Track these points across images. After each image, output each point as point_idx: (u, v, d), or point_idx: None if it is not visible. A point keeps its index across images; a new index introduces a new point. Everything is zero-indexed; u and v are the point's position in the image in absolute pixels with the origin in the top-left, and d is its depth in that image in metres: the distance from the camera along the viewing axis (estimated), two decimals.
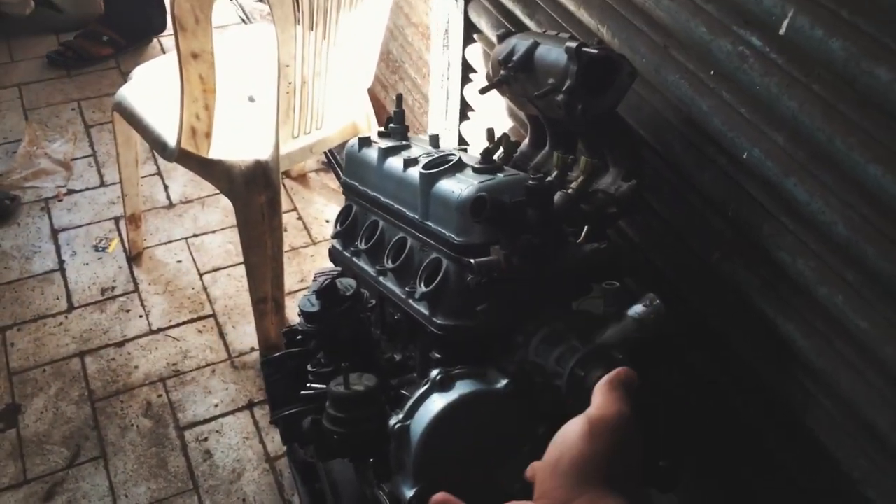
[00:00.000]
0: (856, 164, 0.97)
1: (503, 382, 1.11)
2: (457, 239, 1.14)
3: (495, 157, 1.51)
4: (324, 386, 1.19)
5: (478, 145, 1.55)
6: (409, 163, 1.26)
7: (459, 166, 1.20)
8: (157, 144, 2.04)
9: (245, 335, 2.41)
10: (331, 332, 1.26)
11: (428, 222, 1.21)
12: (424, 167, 1.21)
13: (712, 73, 1.19)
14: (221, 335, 2.41)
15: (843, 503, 1.15)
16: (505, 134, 1.52)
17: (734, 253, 1.24)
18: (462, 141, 2.12)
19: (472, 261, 1.06)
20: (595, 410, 0.70)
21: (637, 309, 1.19)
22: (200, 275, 2.60)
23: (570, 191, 1.27)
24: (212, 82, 1.79)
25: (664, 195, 1.38)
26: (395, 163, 1.31)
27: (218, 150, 2.01)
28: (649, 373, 1.28)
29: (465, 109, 2.06)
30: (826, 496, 1.18)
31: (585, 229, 1.18)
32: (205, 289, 2.56)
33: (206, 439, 2.13)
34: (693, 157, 1.28)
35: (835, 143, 0.99)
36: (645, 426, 1.26)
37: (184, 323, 2.45)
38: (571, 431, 0.67)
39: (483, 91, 1.43)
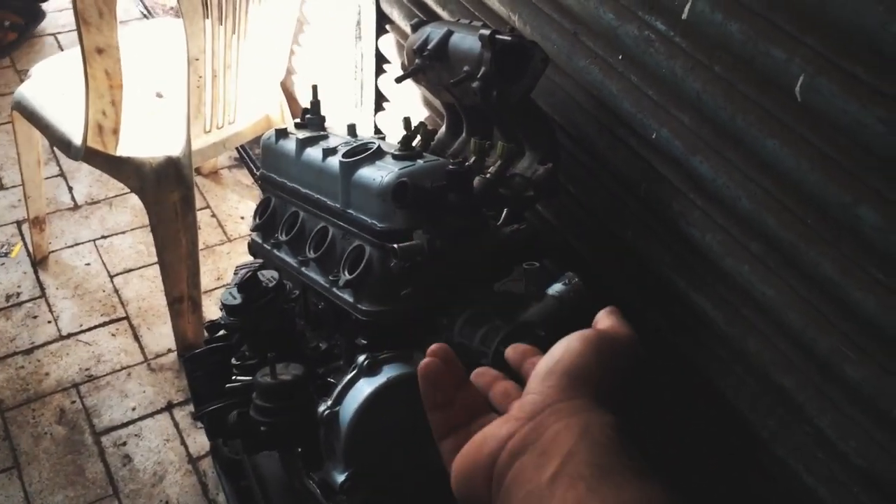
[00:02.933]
0: (755, 139, 1.03)
1: None
2: (379, 225, 1.15)
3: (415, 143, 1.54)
4: (249, 378, 1.18)
5: (393, 136, 1.56)
6: (328, 152, 1.27)
7: (379, 154, 1.21)
8: (61, 143, 1.97)
9: (161, 336, 2.35)
10: (254, 325, 1.26)
11: (349, 210, 1.21)
12: (344, 156, 1.22)
13: (620, 57, 1.24)
14: (136, 337, 2.35)
15: (757, 462, 1.21)
16: (422, 122, 1.54)
17: (647, 231, 1.29)
18: (378, 131, 2.12)
19: (395, 246, 1.07)
20: (604, 328, 0.66)
21: (557, 287, 1.23)
22: (111, 277, 2.53)
23: (488, 175, 1.30)
24: (118, 77, 1.75)
25: (579, 177, 1.42)
26: (313, 153, 1.31)
27: (127, 148, 1.96)
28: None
29: (379, 100, 2.07)
30: (740, 455, 1.24)
31: (505, 212, 1.20)
32: (116, 291, 2.49)
33: (124, 444, 2.08)
34: (605, 139, 1.33)
35: (736, 120, 1.05)
36: None
37: (95, 327, 2.38)
38: (578, 337, 0.63)
39: (399, 80, 1.44)
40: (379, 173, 1.16)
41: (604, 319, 0.68)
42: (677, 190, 1.20)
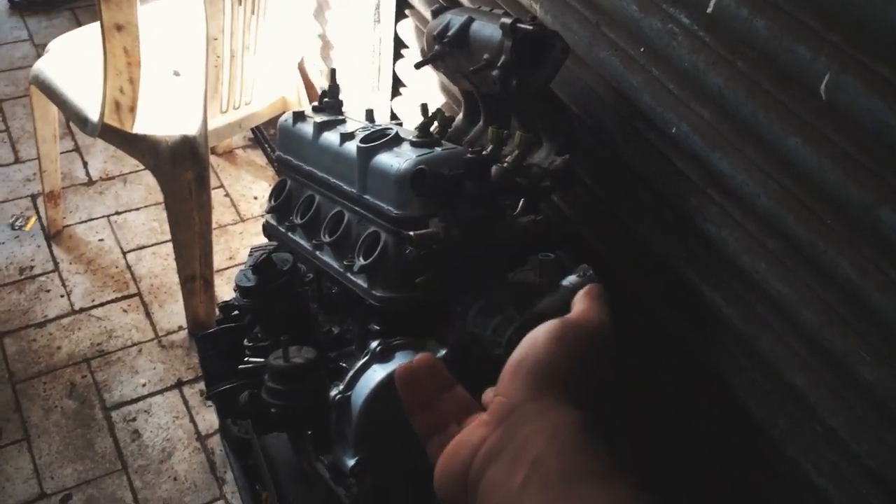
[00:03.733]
0: (776, 137, 1.02)
1: (442, 352, 1.13)
2: (395, 212, 1.15)
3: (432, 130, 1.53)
4: (262, 360, 1.18)
5: (409, 121, 1.56)
6: (346, 137, 1.26)
7: (397, 140, 1.21)
8: (78, 119, 1.98)
9: (172, 314, 2.37)
10: (267, 307, 1.26)
11: (366, 196, 1.21)
12: (362, 141, 1.21)
13: (642, 49, 1.23)
14: (148, 314, 2.37)
15: (766, 461, 1.21)
16: (439, 109, 1.54)
17: (662, 225, 1.29)
18: (394, 117, 2.12)
19: (411, 233, 1.07)
20: (572, 315, 0.63)
21: (571, 279, 1.22)
22: (124, 253, 2.54)
23: (505, 165, 1.29)
24: (136, 55, 1.75)
25: (596, 169, 1.42)
26: (331, 137, 1.31)
27: (143, 125, 1.96)
28: None
29: (396, 85, 2.07)
30: (750, 454, 1.24)
31: (522, 202, 1.20)
32: (129, 267, 2.50)
33: (133, 419, 2.10)
34: (623, 132, 1.32)
35: (757, 117, 1.04)
36: None
37: (108, 302, 2.39)
38: (542, 331, 0.60)
39: (418, 66, 1.44)
40: (396, 160, 1.15)
41: (577, 304, 0.65)
42: (695, 186, 1.20)
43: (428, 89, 1.90)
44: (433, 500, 0.58)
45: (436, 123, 1.49)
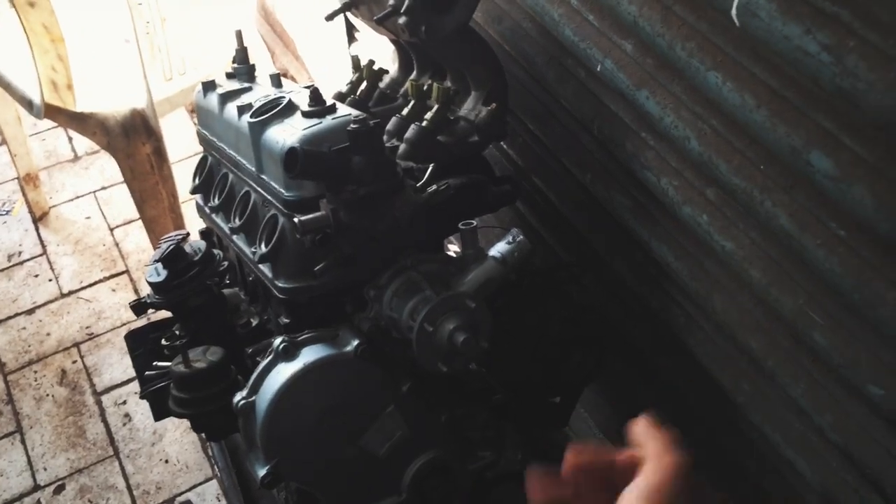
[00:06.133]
0: (697, 71, 0.87)
1: (354, 343, 1.03)
2: (286, 194, 1.03)
3: (361, 87, 1.40)
4: (167, 364, 1.10)
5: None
6: (243, 109, 1.14)
7: (288, 111, 1.08)
8: (23, 102, 1.89)
9: None
10: (180, 302, 1.17)
11: (263, 175, 1.10)
12: (253, 114, 1.09)
13: None
14: (136, 291, 2.32)
15: (733, 427, 1.09)
16: (370, 62, 1.40)
17: (604, 173, 1.15)
18: (356, 65, 1.97)
19: (296, 219, 0.96)
20: (646, 480, 0.55)
21: (500, 247, 1.09)
22: (111, 230, 2.49)
23: (424, 123, 1.16)
24: (57, 31, 1.64)
25: (537, 114, 1.27)
26: (232, 109, 1.19)
27: (90, 102, 1.86)
28: (529, 311, 1.21)
29: (351, 31, 1.91)
30: (717, 420, 1.12)
31: (431, 168, 1.07)
32: (116, 244, 2.45)
33: (124, 402, 2.06)
34: (555, 71, 1.17)
35: (675, 49, 0.89)
36: (536, 359, 1.20)
37: (96, 283, 2.35)
38: None
39: (328, 17, 1.30)
40: (282, 135, 1.03)
41: (646, 466, 0.56)
42: (628, 128, 1.05)
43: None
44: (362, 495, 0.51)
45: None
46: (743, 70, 0.81)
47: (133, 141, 1.88)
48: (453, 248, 1.39)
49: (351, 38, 2.01)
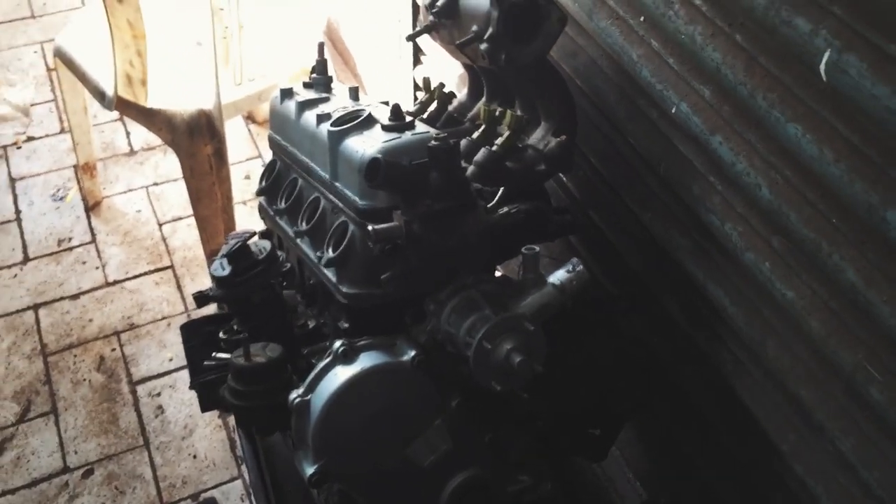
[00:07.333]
0: (776, 121, 0.89)
1: (411, 354, 1.05)
2: (360, 203, 1.07)
3: (430, 108, 1.44)
4: (227, 356, 1.13)
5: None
6: (322, 118, 1.18)
7: (368, 123, 1.12)
8: (96, 93, 1.95)
9: (203, 288, 2.34)
10: (242, 298, 1.20)
11: (336, 183, 1.13)
12: (333, 124, 1.13)
13: (642, 19, 1.10)
14: (179, 287, 2.36)
15: (773, 475, 1.10)
16: (440, 84, 1.44)
17: (666, 213, 1.17)
18: (417, 87, 2.02)
19: (370, 227, 0.99)
20: None
21: (559, 275, 1.12)
22: (160, 225, 2.54)
23: (494, 148, 1.19)
24: (141, 27, 1.70)
25: (600, 149, 1.30)
26: (310, 118, 1.23)
27: (160, 99, 1.92)
28: (581, 338, 1.23)
29: (417, 54, 1.97)
30: (757, 467, 1.13)
31: (501, 192, 1.10)
32: (164, 239, 2.50)
33: (158, 394, 2.10)
34: (626, 109, 1.20)
35: (756, 98, 0.91)
36: (584, 387, 1.22)
37: (141, 275, 2.39)
38: None
39: (409, 38, 1.34)
40: (362, 146, 1.07)
41: None
42: (697, 171, 1.07)
43: (448, 58, 1.79)
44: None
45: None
46: (824, 123, 0.83)
47: (196, 140, 1.93)
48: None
49: (416, 62, 2.06)
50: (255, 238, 1.27)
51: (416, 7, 1.88)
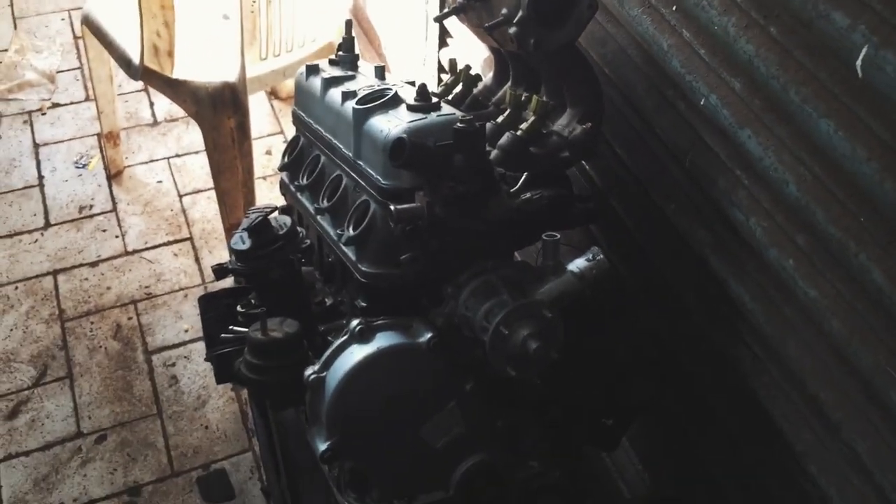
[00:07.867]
0: (808, 117, 0.88)
1: (427, 336, 1.05)
2: (383, 182, 1.06)
3: (455, 90, 1.43)
4: (244, 330, 1.13)
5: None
6: (347, 96, 1.18)
7: (394, 102, 1.11)
8: (122, 61, 1.96)
9: (221, 260, 2.35)
10: (261, 272, 1.20)
11: (359, 161, 1.13)
12: (358, 102, 1.13)
13: (674, 8, 1.09)
14: (197, 259, 2.37)
15: (785, 474, 1.09)
16: (466, 66, 1.43)
17: (690, 206, 1.16)
18: (441, 69, 2.01)
19: (392, 207, 0.99)
20: None
21: (578, 263, 1.12)
22: (180, 196, 2.55)
23: (519, 132, 1.18)
24: None
25: (626, 138, 1.29)
26: (335, 95, 1.22)
27: (185, 70, 1.92)
28: (599, 326, 1.22)
29: (444, 35, 1.95)
30: (768, 466, 1.13)
31: (524, 177, 1.09)
32: (184, 211, 2.51)
33: (173, 364, 2.11)
34: (654, 99, 1.19)
35: (789, 93, 0.90)
36: (597, 377, 1.22)
37: (160, 245, 2.40)
38: None
39: (437, 19, 1.33)
40: (387, 125, 1.06)
41: None
42: (723, 164, 1.06)
43: (474, 40, 1.78)
44: (411, 484, 0.50)
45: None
46: (858, 121, 0.82)
47: (220, 113, 1.93)
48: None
49: (443, 43, 2.04)
50: (276, 213, 1.27)
51: None
